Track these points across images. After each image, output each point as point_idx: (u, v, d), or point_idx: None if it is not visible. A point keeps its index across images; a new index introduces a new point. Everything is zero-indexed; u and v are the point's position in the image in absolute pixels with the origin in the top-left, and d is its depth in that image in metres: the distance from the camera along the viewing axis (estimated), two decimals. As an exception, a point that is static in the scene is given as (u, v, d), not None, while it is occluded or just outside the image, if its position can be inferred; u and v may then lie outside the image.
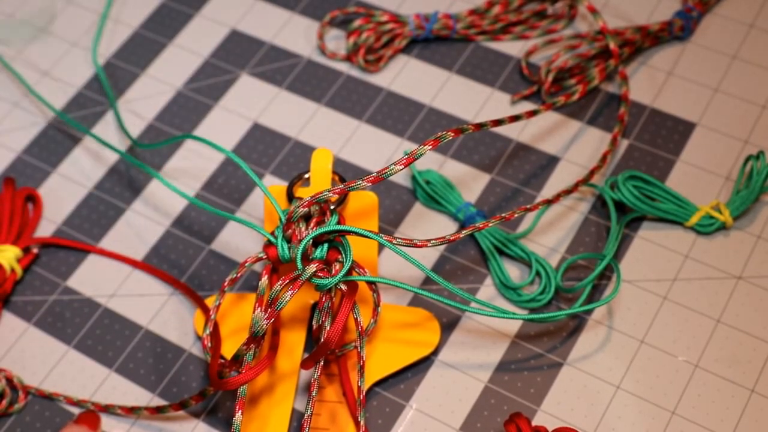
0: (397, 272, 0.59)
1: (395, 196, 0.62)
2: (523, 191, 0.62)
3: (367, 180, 0.49)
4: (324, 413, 0.53)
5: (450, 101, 0.66)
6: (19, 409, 0.56)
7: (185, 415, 0.55)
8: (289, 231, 0.51)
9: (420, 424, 0.54)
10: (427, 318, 0.56)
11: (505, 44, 0.69)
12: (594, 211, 0.60)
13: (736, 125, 0.63)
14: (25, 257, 0.60)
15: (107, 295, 0.60)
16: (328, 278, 0.49)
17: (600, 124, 0.64)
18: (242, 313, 0.56)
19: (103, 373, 0.57)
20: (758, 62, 0.66)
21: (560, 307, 0.57)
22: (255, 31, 0.71)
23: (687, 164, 0.62)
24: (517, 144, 0.64)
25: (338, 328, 0.48)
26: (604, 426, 0.53)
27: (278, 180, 0.63)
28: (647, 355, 0.55)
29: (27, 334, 0.59)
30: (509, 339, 0.56)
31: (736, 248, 0.58)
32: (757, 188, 0.57)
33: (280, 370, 0.54)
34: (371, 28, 0.67)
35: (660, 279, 0.57)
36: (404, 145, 0.64)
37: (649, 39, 0.66)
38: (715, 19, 0.68)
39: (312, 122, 0.66)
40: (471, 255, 0.59)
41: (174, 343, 0.57)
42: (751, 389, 0.53)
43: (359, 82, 0.68)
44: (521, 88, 0.66)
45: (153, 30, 0.72)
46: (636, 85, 0.65)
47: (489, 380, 0.55)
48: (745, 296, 0.56)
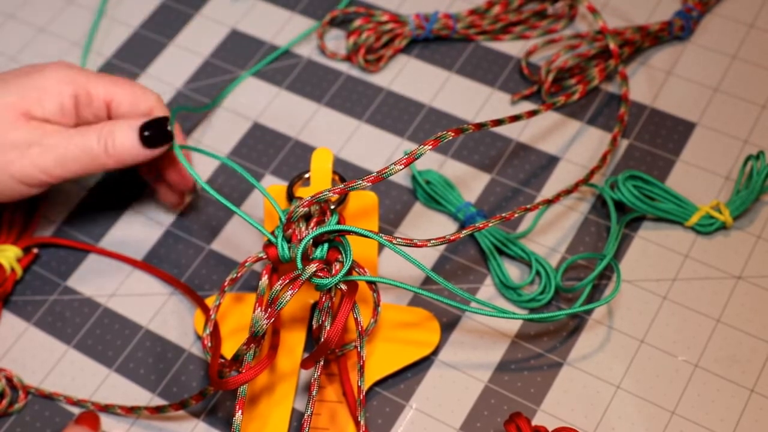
0: (397, 272, 0.59)
1: (395, 196, 0.62)
2: (523, 191, 0.62)
3: (367, 180, 0.49)
4: (324, 413, 0.53)
5: (450, 101, 0.66)
6: (19, 408, 0.56)
7: (185, 415, 0.55)
8: (289, 231, 0.51)
9: (420, 424, 0.54)
10: (427, 318, 0.56)
11: (505, 44, 0.69)
12: (594, 211, 0.60)
13: (736, 125, 0.63)
14: (25, 257, 0.60)
15: (107, 295, 0.60)
16: (328, 278, 0.49)
17: (600, 124, 0.64)
18: (242, 313, 0.56)
19: (103, 372, 0.57)
20: (758, 62, 0.66)
21: (560, 307, 0.57)
22: (255, 31, 0.71)
23: (687, 164, 0.62)
24: (517, 144, 0.64)
25: (338, 328, 0.48)
26: (604, 426, 0.53)
27: (278, 180, 0.63)
28: (647, 355, 0.55)
29: (27, 334, 0.59)
30: (509, 339, 0.56)
31: (736, 248, 0.58)
32: (757, 188, 0.57)
33: (280, 369, 0.54)
34: (371, 28, 0.67)
35: (660, 279, 0.57)
36: (404, 145, 0.64)
37: (649, 39, 0.66)
38: (715, 19, 0.68)
39: (312, 122, 0.66)
40: (471, 255, 0.59)
41: (174, 343, 0.57)
42: (750, 389, 0.53)
43: (359, 82, 0.68)
44: (521, 88, 0.66)
45: (153, 30, 0.72)
46: (636, 85, 0.65)
47: (489, 380, 0.55)
48: (745, 296, 0.56)
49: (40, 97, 0.54)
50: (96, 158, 0.54)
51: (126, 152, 0.54)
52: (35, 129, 0.53)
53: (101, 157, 0.54)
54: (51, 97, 0.54)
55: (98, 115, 0.56)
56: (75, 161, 0.54)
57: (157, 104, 0.57)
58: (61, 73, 0.55)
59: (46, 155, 0.53)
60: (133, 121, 0.55)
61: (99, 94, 0.56)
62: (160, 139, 0.55)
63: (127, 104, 0.56)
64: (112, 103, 0.56)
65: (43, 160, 0.53)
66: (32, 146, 0.53)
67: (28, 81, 0.55)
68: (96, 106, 0.56)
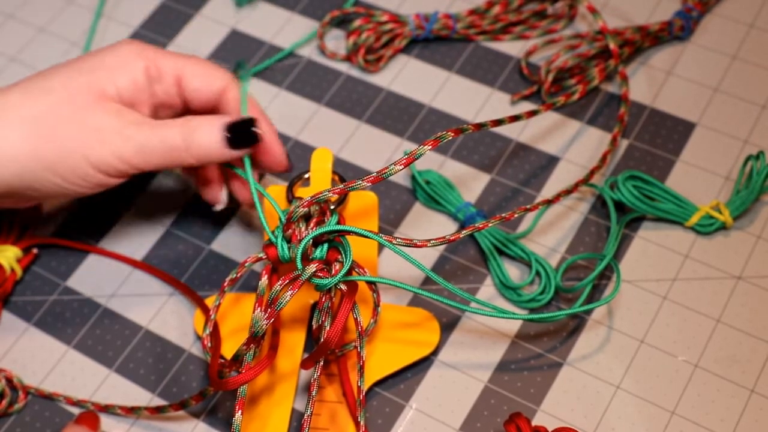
0: (397, 272, 0.59)
1: (395, 196, 0.62)
2: (523, 191, 0.62)
3: (367, 180, 0.49)
4: (324, 413, 0.53)
5: (450, 101, 0.66)
6: (19, 409, 0.56)
7: (185, 415, 0.55)
8: (288, 231, 0.51)
9: (420, 424, 0.54)
10: (427, 318, 0.56)
11: (505, 44, 0.69)
12: (594, 211, 0.60)
13: (736, 125, 0.63)
14: (25, 257, 0.60)
15: (107, 295, 0.60)
16: (327, 278, 0.49)
17: (600, 124, 0.64)
18: (242, 313, 0.56)
19: (103, 373, 0.57)
20: (758, 62, 0.66)
21: (560, 307, 0.57)
22: (255, 31, 0.71)
23: (687, 164, 0.62)
24: (517, 144, 0.64)
25: (338, 328, 0.48)
26: (604, 426, 0.53)
27: (278, 180, 0.63)
28: (647, 355, 0.55)
29: (27, 334, 0.59)
30: (509, 339, 0.56)
31: (736, 248, 0.58)
32: (757, 188, 0.57)
33: (280, 370, 0.54)
34: (371, 28, 0.67)
35: (660, 279, 0.57)
36: (404, 145, 0.64)
37: (649, 39, 0.66)
38: (715, 19, 0.68)
39: (312, 122, 0.66)
40: (471, 255, 0.59)
41: (174, 343, 0.57)
42: (750, 389, 0.53)
43: (359, 82, 0.68)
44: (521, 88, 0.66)
45: (153, 30, 0.72)
46: (636, 85, 0.65)
47: (489, 380, 0.55)
48: (745, 296, 0.56)
49: (111, 74, 0.52)
50: (176, 153, 0.52)
51: (208, 151, 0.52)
52: (117, 115, 0.52)
53: (181, 153, 0.52)
54: (123, 73, 0.52)
55: (169, 92, 0.54)
56: (155, 153, 0.52)
57: (231, 84, 0.55)
58: (130, 48, 0.53)
59: (127, 144, 0.51)
60: (218, 119, 0.53)
61: (169, 70, 0.54)
62: (245, 141, 0.53)
63: (198, 81, 0.54)
64: (182, 79, 0.54)
65: (124, 149, 0.51)
66: (113, 133, 0.51)
67: (97, 59, 0.53)
68: (166, 82, 0.54)
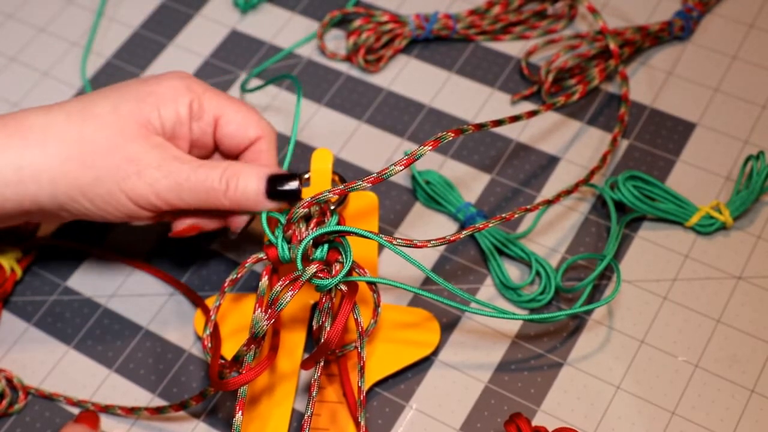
0: (397, 272, 0.59)
1: (395, 197, 0.62)
2: (523, 191, 0.62)
3: (368, 180, 0.49)
4: (324, 413, 0.53)
5: (450, 101, 0.66)
6: (19, 409, 0.56)
7: (185, 416, 0.55)
8: (289, 231, 0.51)
9: (420, 424, 0.54)
10: (427, 318, 0.56)
11: (505, 44, 0.69)
12: (594, 211, 0.60)
13: (736, 125, 0.63)
14: (25, 257, 0.60)
15: (107, 295, 0.60)
16: (328, 279, 0.49)
17: (600, 124, 0.64)
18: (242, 314, 0.56)
19: (103, 373, 0.57)
20: (758, 62, 0.66)
21: (560, 307, 0.57)
22: (255, 31, 0.71)
23: (687, 164, 0.62)
24: (517, 144, 0.64)
25: (338, 329, 0.48)
26: (604, 426, 0.53)
27: (278, 180, 0.63)
28: (647, 355, 0.55)
29: (27, 334, 0.59)
30: (509, 339, 0.56)
31: (736, 248, 0.58)
32: (757, 188, 0.57)
33: (280, 370, 0.54)
34: (371, 28, 0.67)
35: (660, 279, 0.57)
36: (404, 145, 0.64)
37: (649, 39, 0.66)
38: (715, 19, 0.68)
39: (312, 122, 0.66)
40: (471, 255, 0.59)
41: (174, 344, 0.57)
42: (751, 389, 0.53)
43: (359, 82, 0.68)
44: (521, 88, 0.66)
45: (153, 30, 0.72)
46: (636, 85, 0.65)
47: (489, 380, 0.55)
48: (745, 296, 0.56)
49: (157, 103, 0.52)
50: (213, 196, 0.51)
51: (246, 198, 0.51)
52: (160, 149, 0.51)
53: (219, 197, 0.51)
54: (168, 105, 0.52)
55: (205, 131, 0.53)
56: (191, 192, 0.51)
57: (266, 134, 0.54)
58: (181, 81, 0.53)
59: (165, 180, 0.50)
60: (262, 169, 0.52)
61: (210, 109, 0.53)
62: (284, 196, 0.52)
63: (235, 126, 0.53)
64: (220, 120, 0.53)
65: (160, 184, 0.50)
66: (151, 167, 0.50)
67: (145, 87, 0.52)
68: (205, 121, 0.53)
